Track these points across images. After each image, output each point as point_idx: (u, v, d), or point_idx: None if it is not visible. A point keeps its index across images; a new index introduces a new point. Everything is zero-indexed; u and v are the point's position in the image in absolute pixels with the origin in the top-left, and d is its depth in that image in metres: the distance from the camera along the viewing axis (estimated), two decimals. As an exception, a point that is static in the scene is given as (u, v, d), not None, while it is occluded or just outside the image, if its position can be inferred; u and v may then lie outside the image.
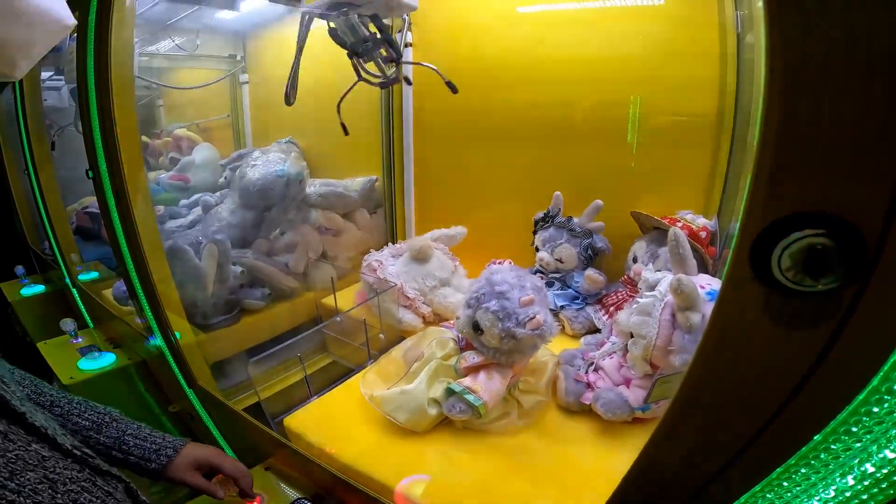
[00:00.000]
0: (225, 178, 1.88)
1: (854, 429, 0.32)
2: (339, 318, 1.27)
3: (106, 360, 1.48)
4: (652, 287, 0.82)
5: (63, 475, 0.51)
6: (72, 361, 1.47)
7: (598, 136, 1.24)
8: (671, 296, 0.76)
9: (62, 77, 2.03)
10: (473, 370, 0.90)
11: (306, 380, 1.08)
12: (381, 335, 1.24)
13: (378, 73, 1.11)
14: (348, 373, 1.16)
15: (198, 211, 1.75)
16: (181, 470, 0.77)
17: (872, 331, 0.29)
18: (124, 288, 1.27)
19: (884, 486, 0.34)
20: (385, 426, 0.91)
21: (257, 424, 0.96)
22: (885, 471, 0.33)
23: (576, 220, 1.23)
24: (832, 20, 0.26)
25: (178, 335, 1.17)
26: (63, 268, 1.96)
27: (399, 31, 1.48)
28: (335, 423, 0.96)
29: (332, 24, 1.06)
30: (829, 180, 0.28)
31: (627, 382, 0.89)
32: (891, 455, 0.32)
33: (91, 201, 2.15)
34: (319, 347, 1.37)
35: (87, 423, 0.74)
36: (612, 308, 1.15)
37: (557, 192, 1.27)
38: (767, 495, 0.38)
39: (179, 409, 1.35)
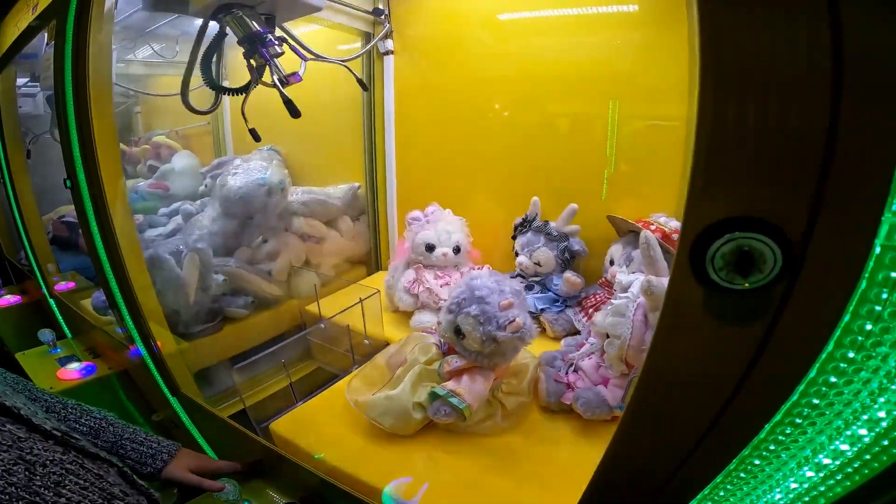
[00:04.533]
0: (205, 186, 1.86)
1: (798, 420, 0.34)
2: (322, 325, 1.28)
3: (86, 370, 1.46)
4: (625, 289, 0.85)
5: (42, 457, 0.50)
6: (51, 371, 1.45)
7: (576, 142, 1.27)
8: (643, 297, 0.79)
9: (37, 84, 2.00)
10: (457, 374, 0.92)
11: (291, 386, 1.08)
12: (366, 341, 1.25)
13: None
14: (333, 378, 1.16)
15: (178, 219, 1.73)
16: (176, 472, 0.81)
17: (804, 326, 0.32)
18: (103, 298, 1.26)
19: (839, 477, 0.36)
20: (371, 430, 0.93)
21: (243, 430, 0.96)
22: (838, 462, 0.35)
23: (553, 224, 1.26)
24: (754, 32, 0.29)
25: (159, 344, 1.16)
26: (40, 278, 1.92)
27: (381, 40, 1.50)
28: (321, 428, 0.97)
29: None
30: (754, 186, 0.31)
31: (606, 382, 0.92)
32: (843, 447, 0.35)
33: (68, 210, 2.11)
34: (304, 354, 1.37)
35: (85, 428, 0.75)
36: (590, 310, 1.18)
37: (535, 198, 1.29)
38: (728, 486, 0.41)
39: (163, 418, 1.34)
